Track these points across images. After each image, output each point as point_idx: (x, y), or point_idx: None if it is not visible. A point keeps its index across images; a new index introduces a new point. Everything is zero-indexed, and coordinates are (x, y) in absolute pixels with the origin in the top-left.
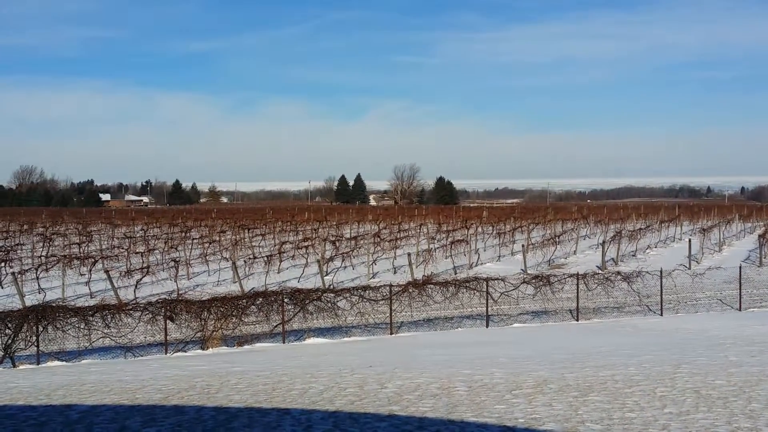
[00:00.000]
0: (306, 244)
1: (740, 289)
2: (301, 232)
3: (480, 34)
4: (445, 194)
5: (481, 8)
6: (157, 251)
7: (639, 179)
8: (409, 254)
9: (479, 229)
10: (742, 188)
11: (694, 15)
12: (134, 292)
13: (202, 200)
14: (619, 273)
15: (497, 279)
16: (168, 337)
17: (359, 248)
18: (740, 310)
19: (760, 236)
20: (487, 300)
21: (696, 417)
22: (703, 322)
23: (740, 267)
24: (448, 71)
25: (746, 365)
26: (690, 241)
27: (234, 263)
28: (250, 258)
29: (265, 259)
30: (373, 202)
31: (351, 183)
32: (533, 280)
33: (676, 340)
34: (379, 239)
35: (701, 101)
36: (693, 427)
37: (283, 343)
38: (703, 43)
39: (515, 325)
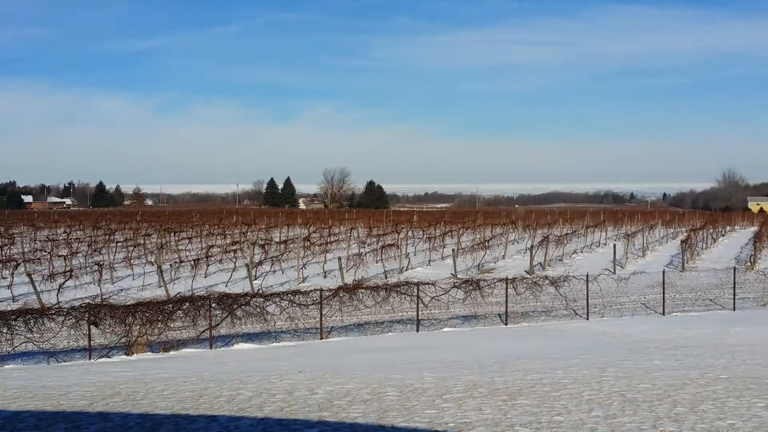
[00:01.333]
0: (234, 247)
1: (663, 294)
2: (229, 236)
3: (417, 38)
4: (375, 198)
5: (418, 13)
6: (80, 254)
7: (565, 185)
8: (339, 258)
9: (410, 234)
10: (664, 194)
11: (626, 25)
12: (57, 296)
13: (126, 203)
14: (546, 277)
15: (428, 283)
16: (92, 343)
17: (289, 252)
18: (664, 314)
19: (682, 242)
20: (417, 304)
21: (622, 420)
22: (628, 326)
23: (663, 272)
24: (383, 75)
25: (670, 369)
26: (615, 246)
27: (159, 267)
28: (176, 262)
29: (192, 263)
30: (302, 206)
31: (280, 186)
32: (463, 285)
33: (602, 343)
34: (309, 243)
35: (627, 110)
36: (619, 430)
37: (211, 348)
38: (634, 52)
39: (445, 329)
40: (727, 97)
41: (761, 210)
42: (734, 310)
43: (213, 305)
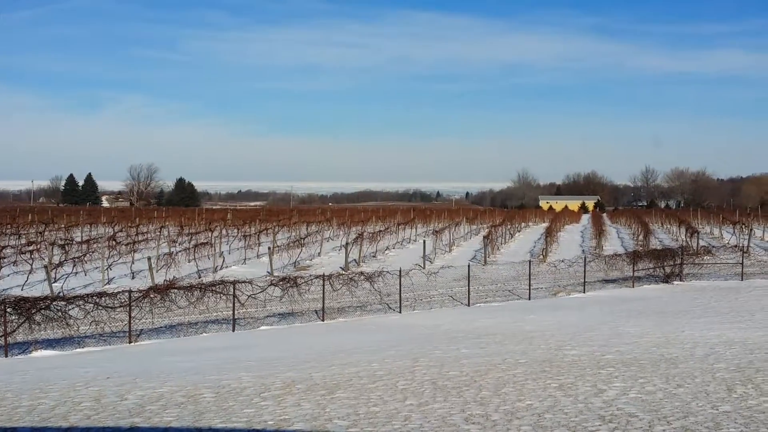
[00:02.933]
0: (30, 248)
1: (468, 286)
2: (24, 236)
3: (226, 33)
4: (185, 196)
5: (227, 7)
6: None
7: (376, 183)
8: (149, 258)
9: (224, 232)
10: (467, 193)
11: (429, 32)
12: None
13: None
14: (362, 273)
15: (244, 282)
16: None
17: (92, 252)
18: (469, 305)
19: (484, 237)
20: (234, 303)
21: (434, 407)
22: (438, 318)
23: (468, 266)
24: (193, 69)
25: (476, 356)
26: (424, 242)
27: None
28: None
29: None
30: (106, 204)
31: (81, 183)
32: (280, 282)
33: (414, 335)
34: (114, 243)
35: (431, 113)
36: (431, 416)
37: (6, 357)
38: (438, 58)
39: (262, 327)
40: (520, 103)
41: (550, 207)
42: (530, 299)
43: (8, 310)
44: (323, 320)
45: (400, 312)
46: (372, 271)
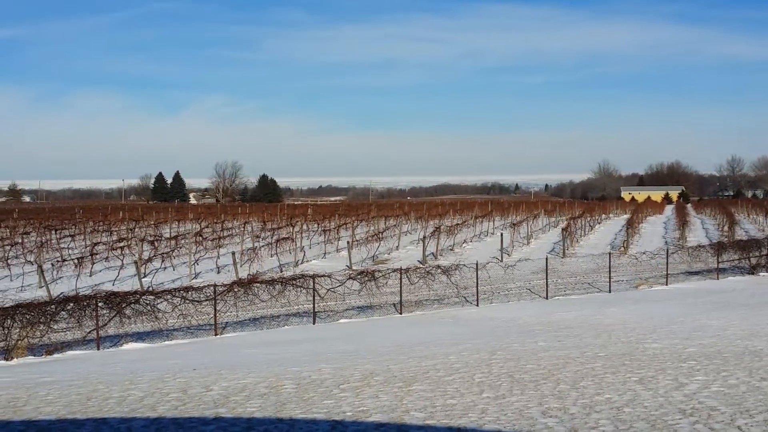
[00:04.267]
0: (121, 244)
1: (547, 279)
2: (115, 233)
3: (307, 32)
4: (268, 192)
5: (307, 6)
6: None
7: (454, 177)
8: (233, 253)
9: (304, 227)
10: (546, 185)
11: (507, 23)
12: None
13: (0, 200)
14: (439, 266)
15: (323, 276)
16: None
17: (180, 248)
18: (547, 298)
19: (563, 230)
20: (314, 297)
21: (511, 400)
22: (515, 311)
23: (546, 258)
24: (274, 68)
25: (553, 349)
26: (502, 235)
27: (40, 267)
28: (58, 261)
29: (76, 261)
30: (193, 201)
31: (169, 181)
32: (358, 276)
33: (491, 328)
34: (201, 238)
35: (511, 105)
36: (508, 409)
37: (98, 350)
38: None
39: (342, 320)
40: (599, 94)
41: (632, 198)
42: (610, 292)
43: (100, 305)
44: (401, 313)
45: (477, 305)
46: (449, 264)
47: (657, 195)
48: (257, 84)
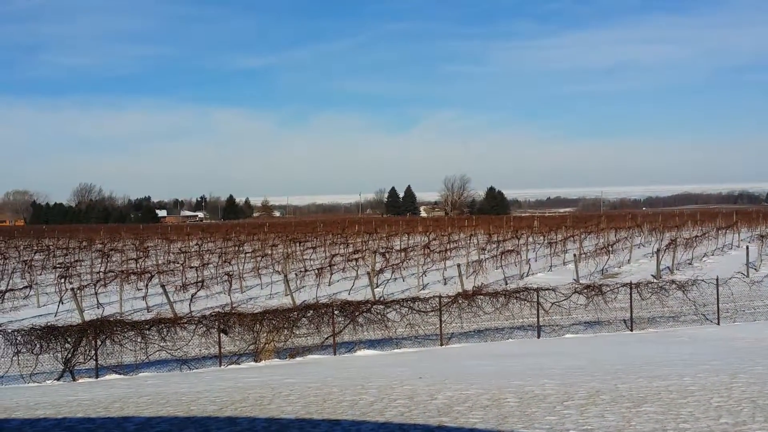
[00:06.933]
0: (356, 256)
1: None
2: (351, 245)
3: (534, 41)
4: (495, 204)
5: (533, 16)
6: (211, 265)
7: (695, 186)
8: (459, 265)
9: (530, 239)
10: None
11: (752, 16)
12: (189, 305)
13: (255, 215)
14: (674, 282)
15: (548, 289)
16: (222, 350)
17: (409, 260)
18: None
19: None
20: (538, 310)
21: (752, 427)
22: (761, 331)
23: None
24: (500, 80)
25: None
26: (748, 248)
27: (286, 276)
28: (301, 271)
29: (316, 271)
30: (423, 214)
31: (401, 195)
32: (585, 290)
33: (733, 349)
34: (429, 251)
35: (758, 105)
36: None
37: (334, 354)
38: (756, 46)
39: (567, 335)
40: None
41: None
42: None
43: (336, 312)
44: (631, 330)
45: (718, 324)
46: (685, 279)
47: None
48: (486, 96)
